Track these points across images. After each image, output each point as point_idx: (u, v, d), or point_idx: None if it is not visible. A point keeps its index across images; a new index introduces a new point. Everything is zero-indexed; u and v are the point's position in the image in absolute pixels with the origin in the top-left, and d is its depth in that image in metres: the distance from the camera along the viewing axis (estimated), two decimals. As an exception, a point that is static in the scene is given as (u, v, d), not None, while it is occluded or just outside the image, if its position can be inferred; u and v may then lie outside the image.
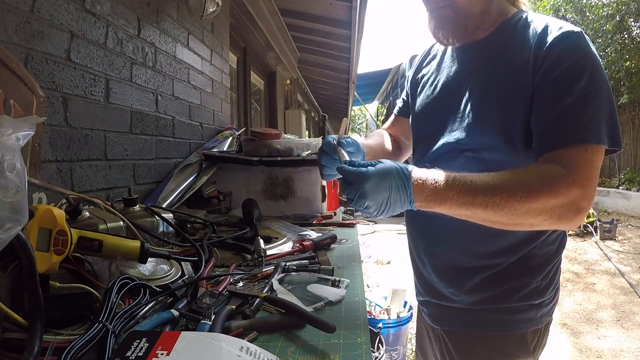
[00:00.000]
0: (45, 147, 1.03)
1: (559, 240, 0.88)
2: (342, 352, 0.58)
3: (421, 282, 0.98)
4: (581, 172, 0.67)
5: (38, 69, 1.00)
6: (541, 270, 0.85)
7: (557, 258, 0.88)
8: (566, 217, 0.67)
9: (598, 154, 0.69)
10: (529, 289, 0.84)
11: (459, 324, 0.90)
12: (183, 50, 1.88)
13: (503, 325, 0.85)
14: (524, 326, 0.85)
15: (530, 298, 0.84)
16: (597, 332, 3.02)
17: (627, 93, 7.66)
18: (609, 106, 0.71)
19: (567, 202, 0.66)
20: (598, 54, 0.75)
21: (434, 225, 0.86)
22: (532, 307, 0.85)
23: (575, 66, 0.70)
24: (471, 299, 0.86)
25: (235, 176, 1.73)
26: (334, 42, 4.82)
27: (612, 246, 5.25)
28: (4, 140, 0.52)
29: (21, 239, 0.53)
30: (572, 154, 0.68)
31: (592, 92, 0.69)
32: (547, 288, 0.86)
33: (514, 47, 0.79)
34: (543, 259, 0.85)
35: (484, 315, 0.86)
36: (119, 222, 0.85)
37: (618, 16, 7.64)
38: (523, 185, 0.65)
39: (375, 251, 5.19)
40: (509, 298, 0.84)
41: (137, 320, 0.62)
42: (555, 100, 0.70)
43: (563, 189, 0.65)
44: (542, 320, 0.86)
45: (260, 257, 1.00)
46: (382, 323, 2.21)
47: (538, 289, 0.84)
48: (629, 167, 8.27)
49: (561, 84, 0.70)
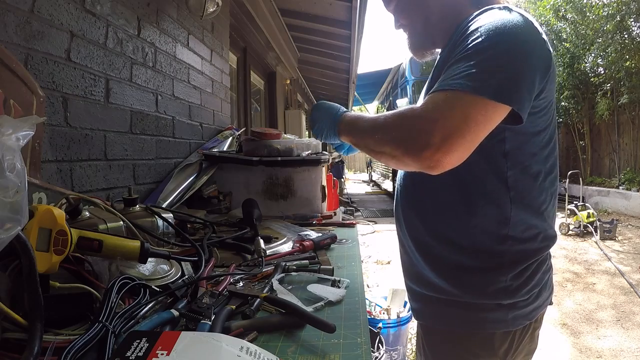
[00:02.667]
0: (45, 147, 1.03)
1: (539, 240, 0.83)
2: (342, 352, 0.58)
3: (403, 261, 0.99)
4: (432, 108, 0.67)
5: (38, 69, 1.00)
6: (511, 269, 0.81)
7: (535, 259, 0.83)
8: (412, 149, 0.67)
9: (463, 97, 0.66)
10: (497, 287, 0.81)
11: (431, 318, 0.90)
12: (183, 50, 1.88)
13: (468, 323, 0.83)
14: (490, 326, 0.82)
15: (498, 297, 0.81)
16: (597, 332, 3.02)
17: (627, 93, 7.66)
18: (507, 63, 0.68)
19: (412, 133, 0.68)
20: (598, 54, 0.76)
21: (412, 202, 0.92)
22: (501, 307, 0.81)
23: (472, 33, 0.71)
24: (442, 285, 0.85)
25: (235, 176, 1.73)
26: (334, 42, 4.82)
27: (612, 246, 5.25)
28: (4, 140, 0.52)
29: (21, 239, 0.53)
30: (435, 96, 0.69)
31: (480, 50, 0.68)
32: (521, 289, 0.82)
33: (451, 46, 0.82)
34: (515, 257, 0.81)
35: (452, 309, 0.85)
36: (119, 222, 0.85)
37: (618, 16, 7.63)
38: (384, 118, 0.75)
39: (375, 251, 5.19)
40: (475, 293, 0.82)
41: (137, 320, 0.62)
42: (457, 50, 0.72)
43: (407, 121, 0.70)
44: (515, 322, 0.83)
45: (260, 257, 1.00)
46: (382, 323, 2.21)
47: (508, 289, 0.81)
48: (629, 167, 8.27)
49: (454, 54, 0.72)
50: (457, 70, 0.68)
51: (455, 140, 0.64)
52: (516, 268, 0.81)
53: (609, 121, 8.54)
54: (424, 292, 0.91)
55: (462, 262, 0.83)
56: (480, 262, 0.82)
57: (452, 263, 0.84)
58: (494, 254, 0.81)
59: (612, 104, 8.19)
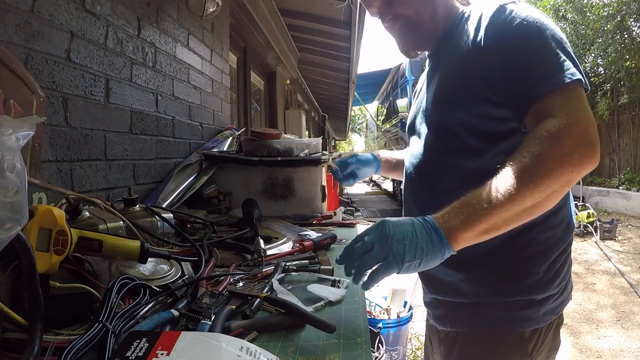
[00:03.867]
0: (45, 147, 1.03)
1: (564, 224, 0.79)
2: (342, 352, 0.58)
3: (425, 276, 0.94)
4: (569, 108, 0.65)
5: (38, 69, 1.00)
6: (544, 259, 0.77)
7: (565, 245, 0.79)
8: (586, 154, 0.62)
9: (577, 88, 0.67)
10: (530, 280, 0.76)
11: (456, 322, 0.86)
12: (183, 50, 1.88)
13: (500, 323, 0.79)
14: (522, 325, 0.78)
15: (531, 292, 0.76)
16: (597, 332, 3.02)
17: (627, 93, 7.66)
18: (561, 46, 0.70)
19: (576, 142, 0.62)
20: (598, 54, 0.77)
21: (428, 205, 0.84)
22: (534, 304, 0.78)
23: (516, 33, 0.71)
24: (469, 289, 0.81)
25: (235, 176, 1.72)
26: (334, 42, 4.82)
27: (612, 246, 5.24)
28: (4, 140, 0.52)
29: (21, 239, 0.53)
30: (553, 98, 0.66)
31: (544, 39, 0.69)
32: (552, 281, 0.78)
33: (464, 34, 0.80)
34: (546, 245, 0.76)
35: (481, 310, 0.81)
36: (119, 222, 0.84)
37: (619, 16, 7.63)
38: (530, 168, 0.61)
39: (375, 251, 5.18)
40: (506, 291, 0.78)
41: (137, 320, 0.62)
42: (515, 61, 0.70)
43: (563, 136, 0.62)
44: (544, 318, 0.79)
45: (260, 257, 1.00)
46: (382, 323, 2.21)
47: (540, 282, 0.76)
48: (629, 167, 8.27)
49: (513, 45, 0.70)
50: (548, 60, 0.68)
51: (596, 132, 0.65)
52: (549, 257, 0.78)
53: (609, 121, 8.54)
54: (449, 299, 0.87)
55: (491, 259, 0.78)
56: (511, 255, 0.77)
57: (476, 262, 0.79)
58: (526, 244, 0.76)
59: (612, 104, 8.19)
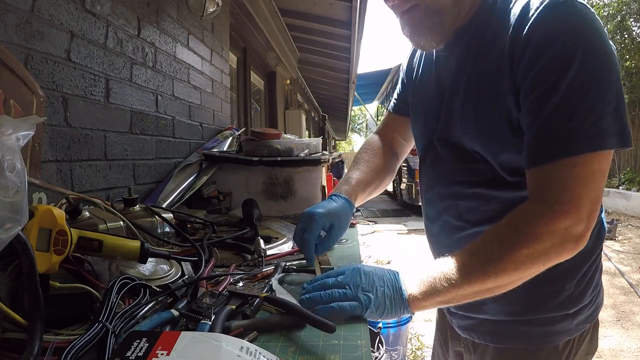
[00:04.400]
0: (45, 147, 1.03)
1: (595, 233, 0.72)
2: (342, 353, 0.58)
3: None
4: (565, 196, 0.57)
5: (38, 69, 1.00)
6: (575, 273, 0.74)
7: (595, 255, 0.76)
8: (566, 250, 0.59)
9: (595, 162, 0.57)
10: (562, 297, 0.74)
11: (486, 336, 0.81)
12: (183, 50, 1.88)
13: (533, 338, 0.76)
14: (555, 338, 0.75)
15: (563, 307, 0.74)
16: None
17: (627, 93, 7.67)
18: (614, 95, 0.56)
19: (557, 239, 0.57)
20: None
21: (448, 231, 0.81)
22: (567, 317, 0.75)
23: (563, 50, 0.57)
24: (499, 309, 0.77)
25: (235, 176, 1.72)
26: (334, 42, 4.82)
27: (612, 246, 5.24)
28: (4, 140, 0.52)
29: (21, 239, 0.53)
30: (553, 172, 0.58)
31: (585, 82, 0.56)
32: (585, 293, 0.75)
33: (493, 31, 0.68)
34: (575, 260, 0.68)
35: (512, 326, 0.77)
36: (119, 222, 0.84)
37: (619, 16, 7.63)
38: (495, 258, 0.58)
39: (375, 251, 5.19)
40: (538, 310, 0.74)
41: (137, 320, 0.62)
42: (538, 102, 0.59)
43: (543, 229, 0.57)
44: (578, 328, 0.76)
45: (260, 257, 1.00)
46: (382, 323, 2.20)
47: (572, 296, 0.74)
48: (629, 167, 8.27)
49: (546, 78, 0.58)
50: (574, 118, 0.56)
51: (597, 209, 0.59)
52: (580, 271, 0.74)
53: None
54: (474, 315, 0.82)
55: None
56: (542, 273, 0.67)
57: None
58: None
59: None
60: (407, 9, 0.71)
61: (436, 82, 0.83)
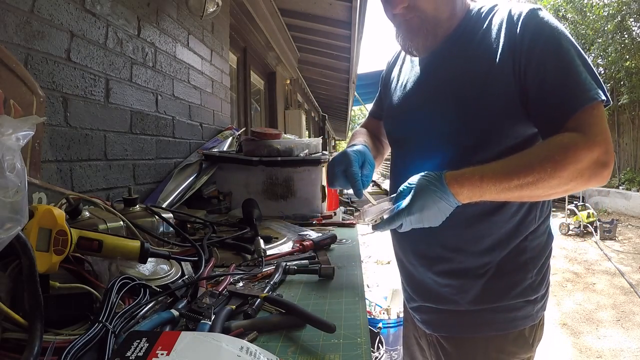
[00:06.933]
0: (45, 147, 1.03)
1: (547, 232, 0.88)
2: (342, 352, 0.58)
3: (413, 285, 0.96)
4: (597, 130, 0.70)
5: (38, 69, 1.00)
6: (534, 265, 0.85)
7: (548, 250, 0.89)
8: (595, 175, 0.70)
9: (601, 108, 0.72)
10: (525, 284, 0.84)
11: (456, 328, 0.89)
12: (183, 50, 1.88)
13: (502, 325, 0.85)
14: (521, 323, 0.85)
15: (526, 294, 0.84)
16: (597, 332, 3.02)
17: (627, 93, 7.67)
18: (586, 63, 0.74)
19: (592, 162, 0.69)
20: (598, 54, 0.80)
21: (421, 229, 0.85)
22: (529, 303, 0.85)
23: (551, 38, 0.74)
24: (467, 298, 0.85)
25: (235, 176, 1.72)
26: (334, 42, 4.82)
27: (612, 246, 5.25)
28: (4, 140, 0.52)
29: (21, 239, 0.53)
30: (583, 116, 0.71)
31: (573, 56, 0.73)
32: (542, 283, 0.87)
33: (481, 36, 0.81)
34: (534, 252, 0.85)
35: (481, 315, 0.85)
36: (119, 222, 0.85)
37: (619, 16, 7.63)
38: (549, 160, 0.68)
39: (375, 251, 5.19)
40: (506, 296, 0.84)
41: (137, 320, 0.62)
42: (547, 75, 0.73)
43: (586, 152, 0.68)
44: (537, 315, 0.87)
45: (260, 257, 1.00)
46: (382, 323, 2.21)
47: (533, 285, 0.85)
48: (629, 167, 8.28)
49: (547, 58, 0.74)
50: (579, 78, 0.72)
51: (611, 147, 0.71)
52: (538, 263, 0.86)
53: (609, 121, 8.52)
54: (443, 307, 0.90)
55: (486, 269, 0.84)
56: (507, 264, 0.83)
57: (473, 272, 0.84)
58: (518, 253, 0.84)
59: (612, 104, 8.19)
60: (401, 8, 0.81)
61: (414, 85, 0.93)
